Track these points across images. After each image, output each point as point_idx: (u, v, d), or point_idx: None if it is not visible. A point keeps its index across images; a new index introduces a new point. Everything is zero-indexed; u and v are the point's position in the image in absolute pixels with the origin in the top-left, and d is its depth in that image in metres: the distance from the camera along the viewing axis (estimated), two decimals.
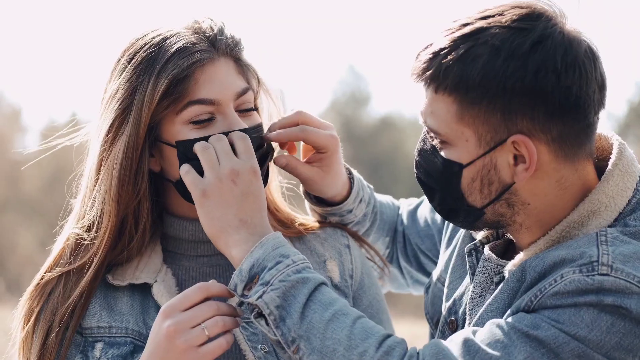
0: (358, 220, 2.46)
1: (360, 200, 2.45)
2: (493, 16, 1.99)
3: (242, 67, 2.27)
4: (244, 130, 2.19)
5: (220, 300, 2.13)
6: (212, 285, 2.07)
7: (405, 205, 2.65)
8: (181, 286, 2.28)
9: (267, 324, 2.02)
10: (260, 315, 2.03)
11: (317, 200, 2.42)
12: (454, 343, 1.95)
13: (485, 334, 1.94)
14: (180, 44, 2.18)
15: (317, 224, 2.41)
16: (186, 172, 2.14)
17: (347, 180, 2.42)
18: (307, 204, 2.46)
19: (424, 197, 2.57)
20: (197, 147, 2.15)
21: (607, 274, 1.90)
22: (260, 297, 2.02)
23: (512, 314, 1.97)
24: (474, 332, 1.96)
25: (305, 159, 2.37)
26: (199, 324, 2.02)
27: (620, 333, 1.89)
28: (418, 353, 1.96)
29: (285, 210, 2.40)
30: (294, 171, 2.33)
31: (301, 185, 2.42)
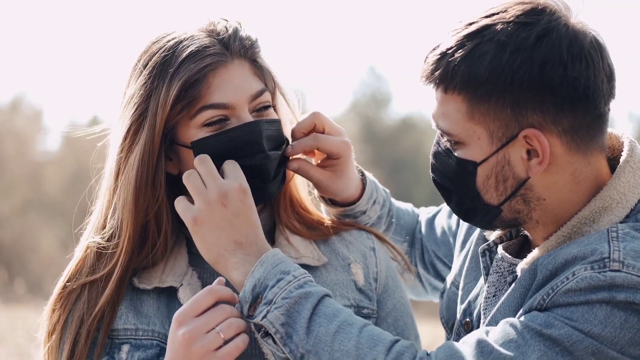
0: (373, 222, 2.48)
1: (374, 201, 2.46)
2: (497, 13, 2.01)
3: (259, 68, 2.25)
4: (257, 122, 2.19)
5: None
6: (221, 289, 2.08)
7: (424, 213, 2.66)
8: None
9: (275, 342, 2.04)
10: (267, 334, 2.04)
11: (331, 201, 2.43)
12: (467, 345, 1.96)
13: (498, 333, 1.95)
14: (192, 47, 2.17)
15: (342, 226, 2.40)
16: (177, 202, 2.15)
17: (360, 182, 2.43)
18: (322, 205, 2.47)
19: (443, 205, 2.60)
20: (184, 176, 2.14)
21: (618, 270, 1.91)
22: (264, 316, 2.03)
23: (525, 312, 1.98)
24: (487, 332, 1.97)
25: (317, 163, 2.38)
26: (213, 328, 2.03)
27: (634, 329, 1.90)
28: (429, 355, 1.98)
29: (315, 212, 2.40)
30: (306, 174, 2.34)
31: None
